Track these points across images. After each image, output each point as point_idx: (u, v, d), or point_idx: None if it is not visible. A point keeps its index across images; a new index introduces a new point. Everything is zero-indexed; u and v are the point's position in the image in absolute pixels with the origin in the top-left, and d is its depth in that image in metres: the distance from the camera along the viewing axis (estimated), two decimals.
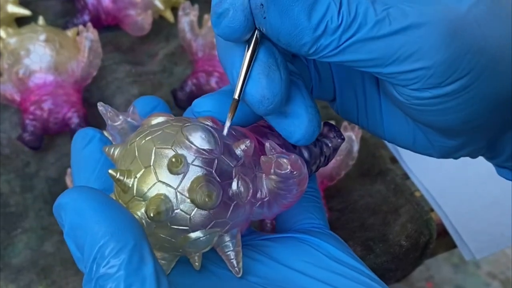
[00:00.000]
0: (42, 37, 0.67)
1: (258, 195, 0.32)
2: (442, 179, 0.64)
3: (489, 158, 0.37)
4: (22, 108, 0.67)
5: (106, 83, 0.73)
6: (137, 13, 0.76)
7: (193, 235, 0.30)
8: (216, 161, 0.30)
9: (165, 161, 0.29)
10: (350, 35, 0.27)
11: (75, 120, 0.66)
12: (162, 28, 0.80)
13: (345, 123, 0.60)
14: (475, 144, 0.34)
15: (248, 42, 0.30)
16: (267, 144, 0.31)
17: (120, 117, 0.34)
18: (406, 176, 0.65)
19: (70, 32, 0.70)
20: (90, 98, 0.72)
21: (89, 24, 0.68)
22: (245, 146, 0.31)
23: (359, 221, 0.61)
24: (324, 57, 0.29)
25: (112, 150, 0.33)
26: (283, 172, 0.30)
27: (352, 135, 0.59)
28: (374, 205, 0.62)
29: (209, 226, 0.30)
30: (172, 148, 0.30)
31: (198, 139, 0.29)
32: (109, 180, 0.33)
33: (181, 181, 0.29)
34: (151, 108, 0.37)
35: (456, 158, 0.36)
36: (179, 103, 0.70)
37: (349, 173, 0.61)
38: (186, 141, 0.29)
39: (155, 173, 0.29)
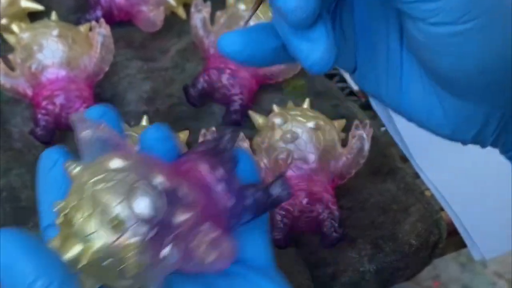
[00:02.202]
0: (55, 32, 0.67)
1: (189, 262, 0.33)
2: (453, 178, 0.64)
3: (502, 146, 0.37)
4: (34, 102, 0.68)
5: (118, 79, 0.73)
6: (149, 9, 0.76)
7: (122, 282, 0.31)
8: (155, 230, 0.31)
9: (108, 217, 0.30)
10: None
11: None
12: (174, 24, 0.80)
13: (356, 122, 0.60)
14: (489, 116, 0.34)
15: None
16: (203, 227, 0.32)
17: (88, 130, 0.34)
18: (416, 175, 0.65)
19: (82, 28, 0.70)
20: (102, 93, 0.72)
21: (102, 20, 0.68)
22: (187, 217, 0.32)
23: (369, 220, 0.61)
24: None
25: (72, 167, 0.33)
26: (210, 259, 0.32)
27: (363, 134, 0.59)
28: (384, 203, 0.62)
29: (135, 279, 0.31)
30: (118, 206, 0.30)
31: (142, 207, 0.30)
32: None
33: (117, 238, 0.30)
34: (98, 117, 0.36)
35: (466, 140, 0.36)
36: (190, 100, 0.70)
37: (360, 171, 0.61)
38: (131, 205, 0.30)
39: (97, 222, 0.30)
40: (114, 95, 0.73)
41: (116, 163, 0.32)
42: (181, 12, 0.80)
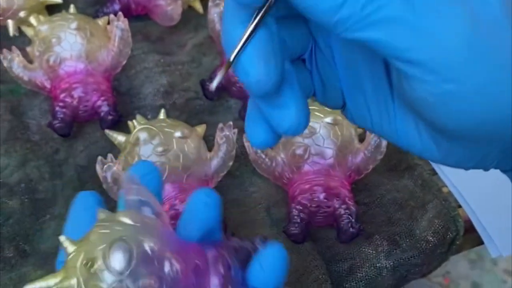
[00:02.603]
0: (73, 25, 0.67)
1: None
2: (470, 175, 0.63)
3: (504, 171, 0.36)
4: (52, 95, 0.68)
5: (135, 73, 0.74)
6: (167, 3, 0.76)
7: None
8: (120, 282, 0.33)
9: (87, 256, 0.34)
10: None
11: (104, 108, 0.66)
12: (191, 18, 0.81)
13: None
14: (488, 152, 0.33)
15: (259, 9, 0.30)
16: None
17: (134, 194, 0.37)
18: (433, 172, 0.65)
19: (100, 21, 0.71)
20: (119, 87, 0.73)
21: (120, 13, 0.69)
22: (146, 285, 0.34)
23: (386, 216, 0.61)
24: (349, 30, 0.28)
25: (100, 213, 0.37)
26: None
27: None
28: (401, 200, 0.62)
29: None
30: (99, 250, 0.34)
31: (116, 261, 0.33)
32: None
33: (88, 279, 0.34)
34: (143, 173, 0.40)
35: (465, 169, 0.35)
36: (207, 94, 0.70)
37: (377, 167, 0.61)
38: (107, 254, 0.33)
39: (79, 259, 0.34)
40: (131, 88, 0.73)
41: (125, 218, 0.35)
42: (198, 6, 0.81)
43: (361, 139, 0.61)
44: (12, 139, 0.66)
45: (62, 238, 0.35)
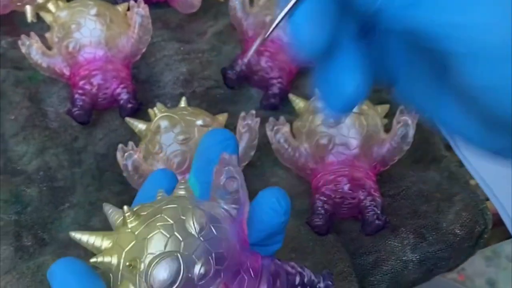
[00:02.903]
0: (93, 11, 0.66)
1: None
2: (498, 168, 0.62)
3: None
4: (71, 82, 0.67)
5: (154, 60, 0.72)
6: None
7: None
8: None
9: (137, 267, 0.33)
10: None
11: (124, 96, 0.65)
12: (211, 6, 0.79)
13: (401, 107, 0.58)
14: None
15: None
16: None
17: (235, 184, 0.35)
18: (460, 164, 0.63)
19: (120, 7, 0.69)
20: (138, 74, 0.71)
21: (140, 0, 0.67)
22: None
23: (412, 208, 0.59)
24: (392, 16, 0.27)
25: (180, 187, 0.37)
26: None
27: (408, 120, 0.58)
28: (427, 192, 0.60)
29: None
30: (145, 259, 0.32)
31: (157, 279, 0.32)
32: None
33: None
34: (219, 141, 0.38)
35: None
36: (228, 82, 0.69)
37: (402, 158, 0.60)
38: (149, 271, 0.32)
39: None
40: (150, 76, 0.72)
41: (193, 224, 0.33)
42: None
43: (387, 129, 0.60)
44: (31, 126, 0.65)
45: (125, 208, 0.34)
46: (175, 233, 0.33)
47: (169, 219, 0.33)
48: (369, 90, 0.32)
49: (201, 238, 0.33)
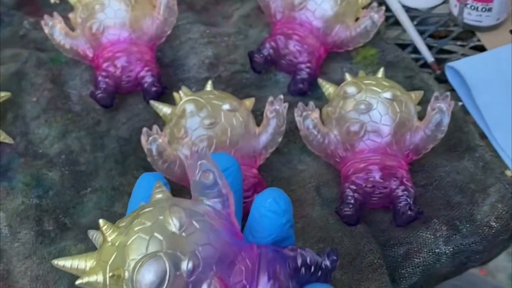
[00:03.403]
0: None
1: None
2: None
3: None
4: (94, 64, 0.65)
5: (179, 43, 0.71)
6: None
7: None
8: None
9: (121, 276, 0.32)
10: None
11: (148, 79, 0.63)
12: None
13: (436, 93, 0.56)
14: None
15: None
16: None
17: (211, 175, 0.35)
18: (496, 154, 0.61)
19: None
20: (162, 58, 0.70)
21: None
22: None
23: (445, 199, 0.57)
24: None
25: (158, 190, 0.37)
26: None
27: (443, 106, 0.55)
28: (461, 182, 0.58)
29: None
30: (131, 262, 0.32)
31: (144, 283, 0.31)
32: None
33: None
34: (224, 167, 0.38)
35: None
36: (255, 66, 0.67)
37: (435, 147, 0.57)
38: (134, 277, 0.31)
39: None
40: (175, 59, 0.70)
41: (173, 221, 0.32)
42: None
43: (421, 117, 0.57)
44: (53, 109, 0.64)
45: (101, 222, 0.34)
46: (155, 233, 0.32)
47: (146, 222, 0.32)
48: None
49: (183, 234, 0.32)
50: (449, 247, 0.54)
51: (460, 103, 0.65)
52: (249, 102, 0.60)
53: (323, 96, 0.62)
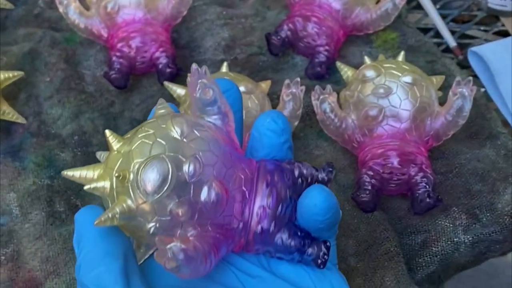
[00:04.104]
0: None
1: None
2: None
3: None
4: (108, 45, 0.64)
5: (195, 24, 0.69)
6: None
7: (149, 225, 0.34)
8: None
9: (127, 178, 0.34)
10: None
11: (163, 60, 0.62)
12: None
13: (458, 78, 0.54)
14: None
15: None
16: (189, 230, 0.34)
17: (211, 91, 0.37)
18: None
19: None
20: (178, 39, 0.69)
21: None
22: (181, 212, 0.33)
23: (465, 187, 0.56)
24: None
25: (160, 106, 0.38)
26: None
27: (465, 92, 0.54)
28: (482, 170, 0.56)
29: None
30: (136, 165, 0.34)
31: (148, 183, 0.33)
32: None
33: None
34: (222, 91, 0.39)
35: None
36: (272, 49, 0.66)
37: (456, 134, 0.56)
38: (139, 177, 0.33)
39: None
40: (191, 41, 0.68)
41: (175, 128, 0.34)
42: None
43: (442, 102, 0.56)
44: (66, 89, 0.63)
45: (107, 132, 0.36)
46: (158, 139, 0.34)
47: (149, 130, 0.34)
48: None
49: (184, 139, 0.34)
50: (468, 236, 0.53)
51: (482, 89, 0.64)
52: (265, 85, 0.59)
53: (341, 80, 0.61)
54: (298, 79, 0.57)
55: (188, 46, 0.68)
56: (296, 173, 0.37)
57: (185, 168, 0.33)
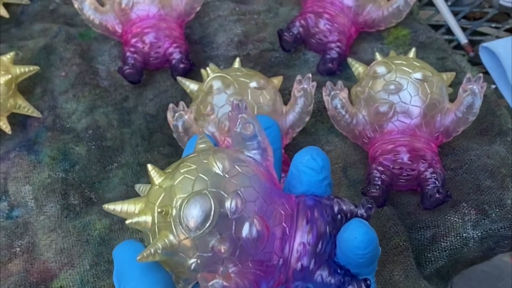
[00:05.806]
0: None
1: None
2: None
3: None
4: (123, 40, 0.65)
5: (208, 20, 0.70)
6: None
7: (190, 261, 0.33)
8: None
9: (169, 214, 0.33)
10: None
11: (176, 56, 0.63)
12: None
13: (468, 75, 0.55)
14: None
15: None
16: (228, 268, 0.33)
17: (252, 126, 0.37)
18: None
19: None
20: (191, 35, 0.69)
21: None
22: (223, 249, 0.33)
23: (474, 183, 0.56)
24: None
25: (201, 141, 0.38)
26: None
27: (475, 88, 0.54)
28: (492, 167, 0.57)
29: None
30: (178, 200, 0.33)
31: (191, 219, 0.32)
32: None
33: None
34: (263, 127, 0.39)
35: None
36: (284, 45, 0.66)
37: (466, 130, 0.56)
38: (183, 207, 0.33)
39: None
40: (204, 37, 0.69)
41: (217, 164, 0.34)
42: None
43: (452, 99, 0.56)
44: (81, 84, 0.64)
45: (149, 166, 0.35)
46: (200, 174, 0.34)
47: (191, 165, 0.34)
48: None
49: (226, 175, 0.34)
50: (477, 232, 0.53)
51: (493, 86, 0.64)
52: (277, 81, 0.59)
53: (352, 76, 0.61)
54: (310, 75, 0.57)
55: (201, 41, 0.69)
56: (336, 209, 0.37)
57: (227, 204, 0.33)
